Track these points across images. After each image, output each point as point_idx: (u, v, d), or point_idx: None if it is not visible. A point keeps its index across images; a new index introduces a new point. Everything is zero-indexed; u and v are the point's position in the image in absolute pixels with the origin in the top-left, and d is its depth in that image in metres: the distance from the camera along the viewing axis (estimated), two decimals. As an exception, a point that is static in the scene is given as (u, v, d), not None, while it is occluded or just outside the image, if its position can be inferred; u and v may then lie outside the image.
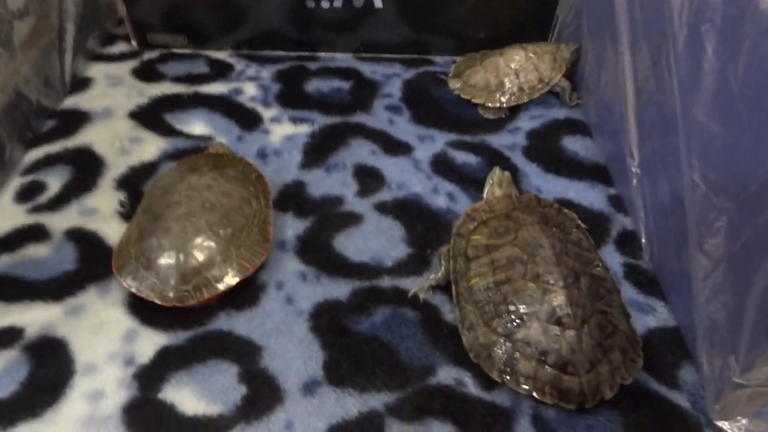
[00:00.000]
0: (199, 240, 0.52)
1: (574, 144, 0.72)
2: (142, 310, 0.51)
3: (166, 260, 0.51)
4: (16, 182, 0.63)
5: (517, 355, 0.47)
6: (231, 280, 0.52)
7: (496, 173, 0.61)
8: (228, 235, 0.53)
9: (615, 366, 0.47)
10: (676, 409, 0.47)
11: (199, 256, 0.52)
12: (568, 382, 0.46)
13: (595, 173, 0.68)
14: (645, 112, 0.59)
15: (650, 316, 0.54)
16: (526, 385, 0.46)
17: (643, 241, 0.60)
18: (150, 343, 0.49)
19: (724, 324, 0.45)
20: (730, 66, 0.45)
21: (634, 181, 0.62)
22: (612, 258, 0.59)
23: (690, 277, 0.50)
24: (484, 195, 0.60)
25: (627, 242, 0.61)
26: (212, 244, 0.53)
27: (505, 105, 0.75)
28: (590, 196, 0.66)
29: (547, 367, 0.46)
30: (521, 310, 0.48)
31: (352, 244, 0.58)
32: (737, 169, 0.44)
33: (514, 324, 0.48)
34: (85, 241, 0.57)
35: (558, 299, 0.48)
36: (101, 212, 0.60)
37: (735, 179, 0.45)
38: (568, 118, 0.76)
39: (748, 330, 0.43)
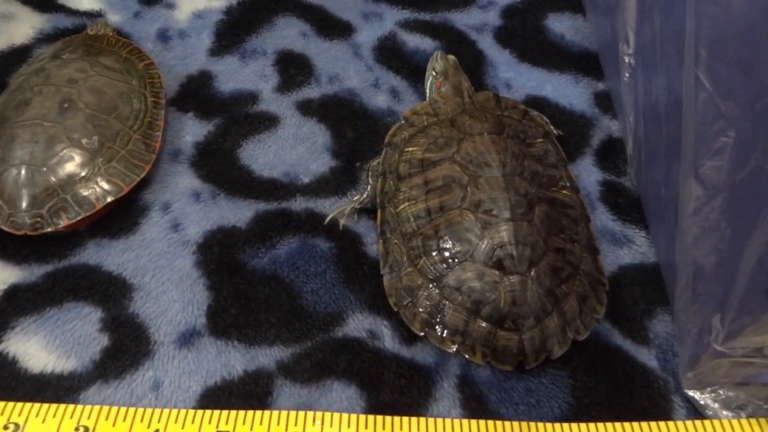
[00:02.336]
0: (53, 151, 0.41)
1: (560, 24, 0.57)
2: (-8, 237, 0.42)
3: (11, 178, 0.40)
4: None
5: (446, 303, 0.37)
6: (97, 201, 0.41)
7: (438, 59, 0.47)
8: (94, 145, 0.42)
9: (568, 318, 0.37)
10: (640, 369, 0.38)
11: (55, 172, 0.41)
12: (506, 339, 0.36)
13: (583, 63, 0.55)
14: (647, -19, 0.45)
15: (625, 250, 0.43)
16: (453, 341, 0.37)
17: (630, 153, 0.48)
18: (-3, 280, 0.40)
19: (713, 273, 0.34)
20: None
21: (626, 74, 0.48)
22: (588, 174, 0.47)
23: (678, 207, 0.38)
24: (426, 90, 0.48)
25: (609, 154, 0.49)
26: (72, 156, 0.41)
27: (477, -28, 0.59)
28: (571, 93, 0.53)
29: (480, 320, 0.37)
30: (454, 248, 0.38)
31: (262, 155, 0.47)
32: (758, 67, 0.31)
33: (444, 265, 0.38)
34: (-69, 147, 0.46)
35: (500, 235, 0.37)
36: (-45, 111, 0.48)
37: (753, 80, 0.32)
38: (557, -11, 0.60)
39: (741, 286, 0.32)
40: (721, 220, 0.34)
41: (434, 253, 0.38)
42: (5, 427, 0.34)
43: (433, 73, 0.47)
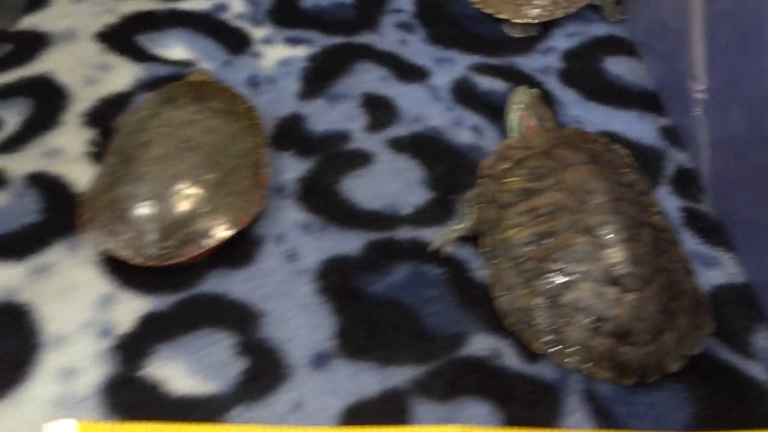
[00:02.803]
0: (180, 186, 0.43)
1: (617, 66, 0.62)
2: (119, 270, 0.43)
3: (143, 211, 0.43)
4: (-34, 118, 0.53)
5: (565, 321, 0.39)
6: (222, 233, 0.44)
7: (520, 93, 0.51)
8: (215, 180, 0.45)
9: (681, 334, 0.40)
10: (751, 382, 0.40)
11: (183, 206, 0.43)
12: (627, 354, 0.39)
13: (644, 101, 0.59)
14: (717, 26, 0.49)
15: (716, 271, 0.46)
16: (576, 357, 0.39)
17: (705, 181, 0.51)
18: (130, 309, 0.42)
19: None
20: None
21: (697, 109, 0.52)
22: (668, 201, 0.51)
23: (771, 228, 0.42)
24: (510, 123, 0.51)
25: (685, 183, 0.52)
26: (197, 191, 0.44)
27: (535, 21, 0.64)
28: (639, 128, 0.56)
29: (601, 337, 0.39)
30: (569, 269, 0.40)
31: (362, 189, 0.50)
32: None
33: (561, 285, 0.40)
34: (48, 187, 0.48)
35: (616, 255, 0.39)
36: (67, 153, 0.51)
37: None
38: (610, 35, 0.65)
39: None
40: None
41: (549, 275, 0.40)
42: (158, 450, 0.35)
43: (521, 106, 0.50)
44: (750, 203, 0.45)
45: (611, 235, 0.40)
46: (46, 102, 0.55)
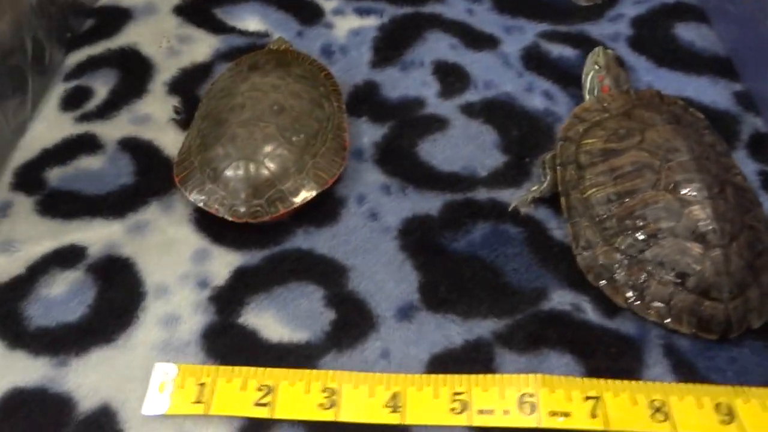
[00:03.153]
0: (269, 148, 0.46)
1: (688, 32, 0.61)
2: (211, 226, 0.46)
3: (234, 171, 0.45)
4: (59, 88, 0.56)
5: (648, 276, 0.40)
6: (308, 192, 0.46)
7: (599, 54, 0.51)
8: (302, 142, 0.47)
9: (765, 291, 0.40)
10: (836, 339, 0.40)
11: (272, 166, 0.45)
12: (711, 308, 0.39)
13: (717, 66, 0.58)
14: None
15: (796, 233, 0.46)
16: (660, 311, 0.40)
17: (783, 144, 0.51)
18: (223, 263, 0.44)
19: None
20: None
21: (776, 72, 0.51)
22: (745, 165, 0.50)
23: None
24: (586, 83, 0.51)
25: (761, 147, 0.51)
26: (285, 152, 0.46)
27: (604, -12, 0.63)
28: (713, 93, 0.56)
29: (686, 291, 0.39)
30: (654, 225, 0.41)
31: (438, 152, 0.51)
32: None
33: (644, 241, 0.41)
34: (141, 151, 0.51)
35: (701, 212, 0.40)
36: (155, 120, 0.54)
37: None
38: (679, 1, 0.64)
39: None
40: None
41: (632, 232, 0.41)
42: (259, 389, 0.38)
43: (596, 67, 0.50)
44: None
45: (696, 193, 0.40)
46: (133, 72, 0.57)
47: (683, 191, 0.41)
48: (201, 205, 0.45)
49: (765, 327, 0.40)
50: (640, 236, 0.41)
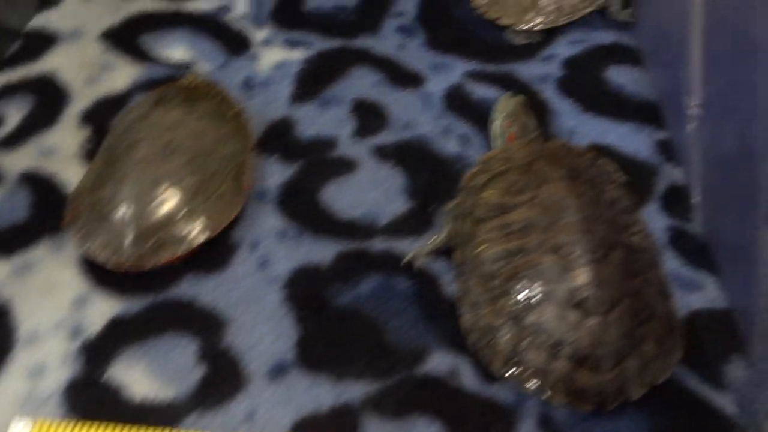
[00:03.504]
0: (158, 191, 0.45)
1: (620, 76, 0.60)
2: (98, 270, 0.45)
3: (120, 214, 0.44)
4: (-27, 115, 0.56)
5: (526, 344, 0.39)
6: (196, 238, 0.44)
7: (504, 100, 0.50)
8: (194, 185, 0.46)
9: (646, 360, 0.38)
10: (719, 414, 0.39)
11: (160, 210, 0.44)
12: (586, 379, 0.38)
13: (644, 113, 0.57)
14: (714, 37, 0.47)
15: (696, 295, 0.44)
16: (534, 380, 0.38)
17: (696, 199, 0.49)
18: (102, 310, 0.43)
19: (795, 321, 0.36)
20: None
21: (691, 124, 0.50)
22: (656, 220, 0.49)
23: (754, 255, 0.40)
24: (494, 131, 0.50)
25: (675, 200, 0.50)
26: (175, 195, 0.45)
27: (539, 27, 0.62)
28: (635, 141, 0.54)
29: (560, 360, 0.38)
30: (535, 290, 0.39)
31: (342, 196, 0.50)
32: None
33: (525, 306, 0.39)
34: (41, 186, 0.50)
35: (581, 278, 0.38)
36: (61, 152, 0.53)
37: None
38: (616, 43, 0.63)
39: (827, 334, 0.33)
40: (801, 269, 0.35)
41: (514, 294, 0.40)
42: (113, 449, 0.37)
43: (502, 114, 0.49)
44: (736, 225, 0.43)
45: (578, 256, 0.39)
46: (47, 100, 0.57)
47: (566, 254, 0.39)
48: (84, 249, 0.44)
49: (645, 398, 0.38)
50: (523, 299, 0.39)
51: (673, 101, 0.53)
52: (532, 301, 0.39)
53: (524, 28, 0.62)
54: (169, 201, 0.45)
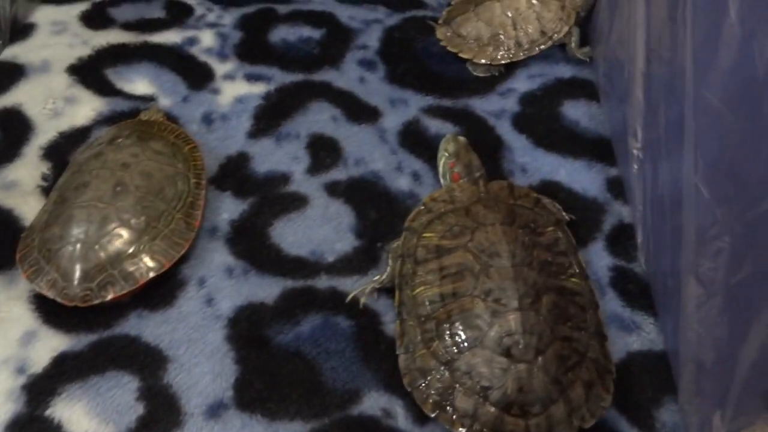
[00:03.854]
0: (105, 230, 0.46)
1: (576, 110, 0.61)
2: (47, 306, 0.46)
3: (67, 253, 0.45)
4: (-63, 148, 0.57)
5: (457, 387, 0.39)
6: (141, 277, 0.45)
7: (450, 141, 0.51)
8: (141, 224, 0.47)
9: (574, 406, 0.39)
10: (646, 459, 0.39)
11: (105, 250, 0.45)
12: (513, 425, 0.38)
13: (597, 149, 0.58)
14: (654, 82, 0.48)
15: (634, 337, 0.45)
16: (463, 424, 0.39)
17: (640, 240, 0.50)
18: (48, 347, 0.44)
19: (713, 370, 0.36)
20: (755, 38, 0.33)
21: (635, 165, 0.51)
22: (599, 259, 0.50)
23: (681, 300, 0.40)
24: (439, 169, 0.51)
25: (621, 239, 0.51)
26: (121, 235, 0.46)
27: (498, 62, 0.63)
28: (585, 178, 0.55)
29: (488, 405, 0.39)
30: (465, 334, 0.40)
31: (291, 233, 0.51)
32: (751, 178, 0.34)
33: (456, 349, 0.40)
34: (-2, 220, 0.52)
35: (509, 324, 0.39)
36: (21, 186, 0.54)
37: (746, 191, 0.34)
38: (574, 77, 0.64)
39: (738, 386, 0.34)
40: (719, 320, 0.36)
41: (447, 337, 0.41)
42: (47, 489, 0.37)
43: (446, 154, 0.50)
44: (668, 268, 0.44)
45: (507, 302, 0.40)
46: (11, 134, 0.58)
47: (496, 300, 0.40)
48: (33, 285, 0.45)
49: (574, 443, 0.39)
50: (454, 343, 0.40)
51: (622, 140, 0.54)
52: (463, 345, 0.40)
53: (483, 61, 0.64)
54: (117, 239, 0.46)
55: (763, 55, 0.32)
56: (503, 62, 0.63)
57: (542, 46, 0.63)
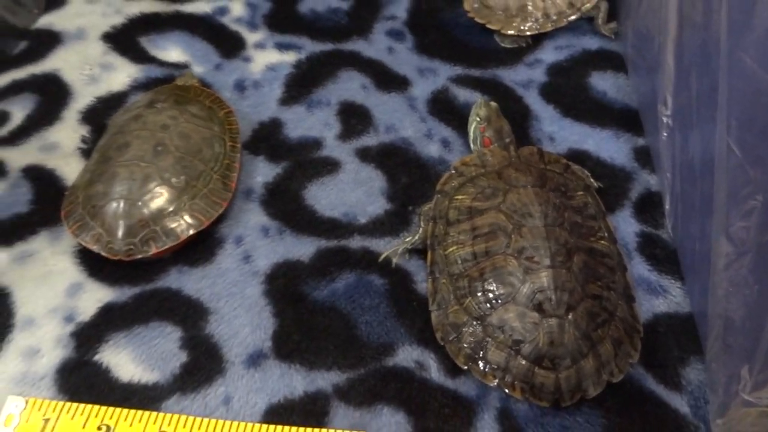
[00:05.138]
0: (147, 188, 0.47)
1: (603, 82, 0.61)
2: (91, 260, 0.48)
3: (111, 210, 0.47)
4: (-20, 111, 0.59)
5: (489, 341, 0.41)
6: (181, 233, 0.47)
7: (482, 106, 0.52)
8: (181, 183, 0.48)
9: (603, 361, 0.40)
10: (672, 414, 0.41)
11: (147, 207, 0.47)
12: (543, 377, 0.40)
13: (624, 119, 0.58)
14: (686, 49, 0.48)
15: (660, 299, 0.46)
16: (494, 376, 0.40)
17: (667, 207, 0.51)
18: (94, 298, 0.46)
19: (741, 326, 0.37)
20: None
21: (665, 133, 0.51)
22: (627, 225, 0.50)
23: (710, 262, 0.41)
24: (470, 134, 0.52)
25: (648, 207, 0.52)
26: (162, 193, 0.47)
27: (525, 33, 0.64)
28: (612, 147, 0.56)
29: (520, 358, 0.40)
30: (498, 290, 0.41)
31: (324, 196, 0.52)
32: (784, 136, 0.34)
33: (488, 305, 0.41)
34: (41, 180, 0.53)
35: (541, 280, 0.40)
36: (62, 148, 0.56)
37: (779, 149, 0.35)
38: (601, 49, 0.64)
39: (766, 340, 0.35)
40: (749, 277, 0.37)
41: (479, 294, 0.42)
42: (99, 428, 0.39)
43: (477, 119, 0.51)
44: (697, 232, 0.45)
45: (539, 260, 0.41)
46: (50, 99, 0.59)
47: (528, 258, 0.41)
48: (79, 240, 0.47)
49: (602, 396, 0.40)
50: (486, 299, 0.41)
51: (651, 109, 0.55)
52: (495, 301, 0.41)
53: (511, 32, 0.64)
54: (158, 197, 0.47)
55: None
56: (530, 34, 0.64)
57: (570, 18, 0.63)
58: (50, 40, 0.65)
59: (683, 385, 0.42)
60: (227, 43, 0.64)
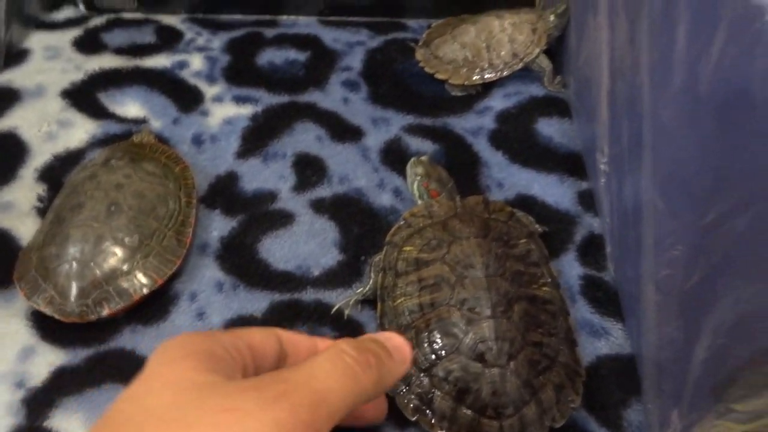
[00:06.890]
0: (100, 248, 0.48)
1: (549, 128, 0.64)
2: (44, 323, 0.48)
3: (64, 271, 0.47)
4: (-65, 172, 0.59)
5: (435, 392, 0.42)
6: (135, 293, 0.48)
7: (415, 164, 0.53)
8: (135, 242, 0.49)
9: (545, 407, 0.42)
10: (614, 457, 0.42)
11: (100, 267, 0.47)
12: (488, 426, 0.41)
13: (568, 164, 0.61)
14: (618, 100, 0.51)
15: (603, 342, 0.48)
16: (441, 427, 0.41)
17: (609, 249, 0.53)
18: (46, 362, 0.46)
19: (671, 371, 0.39)
20: (701, 60, 0.36)
21: (603, 179, 0.54)
22: (571, 268, 0.52)
23: (642, 306, 0.43)
24: (413, 191, 0.53)
25: (591, 250, 0.54)
26: (116, 252, 0.48)
27: (472, 82, 0.66)
28: (557, 192, 0.58)
29: (465, 408, 0.41)
30: (443, 342, 0.43)
31: (279, 249, 0.53)
32: (698, 190, 0.37)
33: (434, 356, 0.42)
34: (-4, 240, 0.54)
35: (482, 331, 0.42)
36: (18, 208, 0.56)
37: (695, 202, 0.37)
38: (547, 95, 0.67)
39: (691, 384, 0.36)
40: (675, 323, 0.39)
41: (425, 345, 0.43)
42: (47, 497, 0.39)
43: (418, 178, 0.53)
44: (634, 276, 0.46)
45: (480, 311, 0.42)
46: (7, 157, 0.60)
47: (471, 309, 0.43)
48: (31, 302, 0.47)
49: (546, 443, 0.42)
50: (432, 350, 0.43)
51: (592, 154, 0.57)
52: (441, 352, 0.42)
53: (458, 82, 0.67)
54: (111, 257, 0.48)
55: (705, 77, 0.35)
56: (477, 83, 0.67)
57: (515, 68, 0.66)
58: (9, 98, 0.65)
59: (624, 426, 0.43)
60: (186, 97, 0.66)
